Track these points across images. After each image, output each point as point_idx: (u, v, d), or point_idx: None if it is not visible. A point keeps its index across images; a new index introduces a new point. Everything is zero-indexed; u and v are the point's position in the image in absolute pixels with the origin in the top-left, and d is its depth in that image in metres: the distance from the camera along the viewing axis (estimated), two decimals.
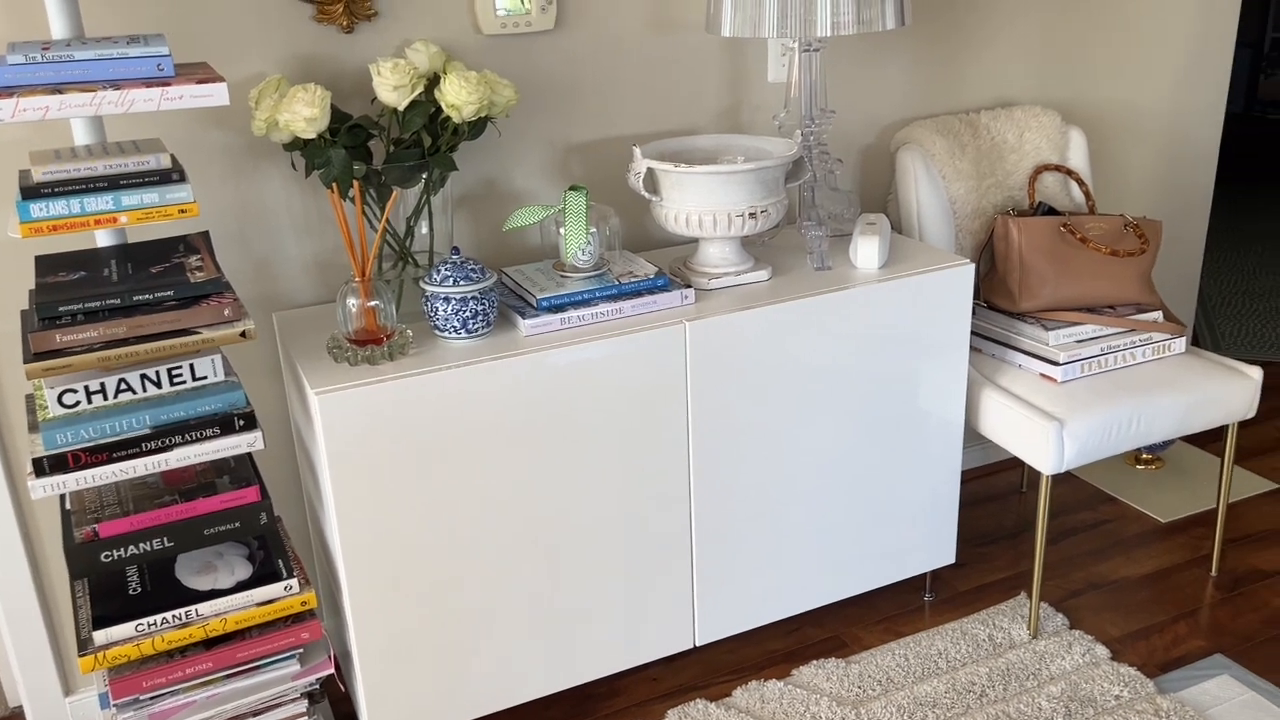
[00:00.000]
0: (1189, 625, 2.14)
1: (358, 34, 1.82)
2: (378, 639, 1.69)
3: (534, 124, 2.01)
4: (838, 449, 1.97)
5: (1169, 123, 2.69)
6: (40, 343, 1.35)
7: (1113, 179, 2.67)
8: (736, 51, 2.14)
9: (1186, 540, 2.42)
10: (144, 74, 1.38)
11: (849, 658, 2.06)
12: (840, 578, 2.07)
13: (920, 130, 2.25)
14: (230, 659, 1.53)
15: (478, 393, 1.64)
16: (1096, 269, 2.12)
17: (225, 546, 1.59)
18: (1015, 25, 2.40)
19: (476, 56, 1.91)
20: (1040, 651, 2.05)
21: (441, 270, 1.68)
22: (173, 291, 1.42)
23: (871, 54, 2.28)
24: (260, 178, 1.83)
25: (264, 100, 1.66)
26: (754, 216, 1.83)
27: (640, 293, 1.79)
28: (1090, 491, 2.64)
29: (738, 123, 2.19)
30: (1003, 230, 2.15)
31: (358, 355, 1.63)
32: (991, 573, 2.32)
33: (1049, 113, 2.36)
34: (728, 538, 1.92)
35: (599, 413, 1.74)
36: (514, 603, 1.78)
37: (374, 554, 1.65)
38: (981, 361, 2.17)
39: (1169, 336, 2.14)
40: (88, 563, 1.43)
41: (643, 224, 2.16)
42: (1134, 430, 2.01)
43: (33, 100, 1.30)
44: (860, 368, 1.93)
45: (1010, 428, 2.03)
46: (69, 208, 1.37)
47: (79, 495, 1.51)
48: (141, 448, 1.42)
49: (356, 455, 1.59)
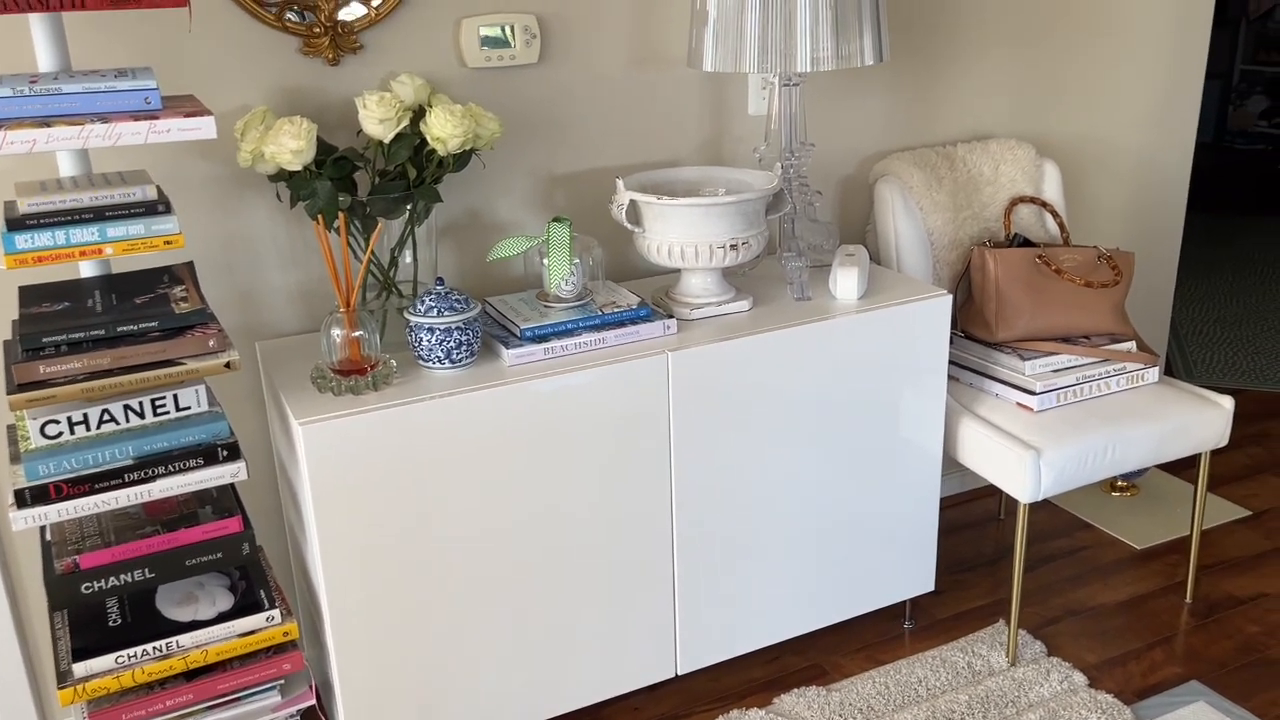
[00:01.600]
0: (1165, 652, 2.17)
1: (343, 67, 1.84)
2: (359, 669, 1.69)
3: (518, 156, 2.03)
4: (818, 477, 1.98)
5: (1141, 155, 2.75)
6: (24, 374, 1.35)
7: (1086, 211, 2.72)
8: (718, 85, 2.17)
9: (1161, 567, 2.45)
10: (131, 107, 1.39)
11: (830, 686, 2.07)
12: (820, 606, 2.09)
13: (898, 163, 2.28)
14: (211, 690, 1.52)
15: (462, 422, 1.65)
16: (1071, 300, 2.16)
17: (207, 577, 1.59)
18: (991, 60, 2.45)
19: (461, 89, 1.93)
20: (1019, 679, 2.07)
21: (426, 301, 1.69)
22: (157, 322, 1.43)
23: (850, 88, 2.32)
24: (245, 209, 1.84)
25: (250, 132, 1.67)
26: (735, 248, 1.85)
27: (623, 323, 1.81)
28: (1067, 519, 2.66)
29: (719, 155, 2.22)
30: (979, 261, 2.18)
31: (342, 385, 1.63)
32: (970, 600, 2.34)
33: (1024, 146, 2.41)
34: (709, 566, 1.93)
35: (582, 442, 1.75)
36: (496, 633, 1.78)
37: (356, 583, 1.65)
38: (959, 390, 2.20)
39: (1142, 366, 2.18)
40: (68, 594, 1.42)
41: (625, 255, 2.18)
42: (1109, 459, 2.04)
43: (20, 133, 1.31)
44: (840, 397, 1.95)
45: (988, 456, 2.05)
46: (54, 239, 1.38)
47: (59, 526, 1.51)
48: (124, 479, 1.41)
49: (340, 485, 1.59)
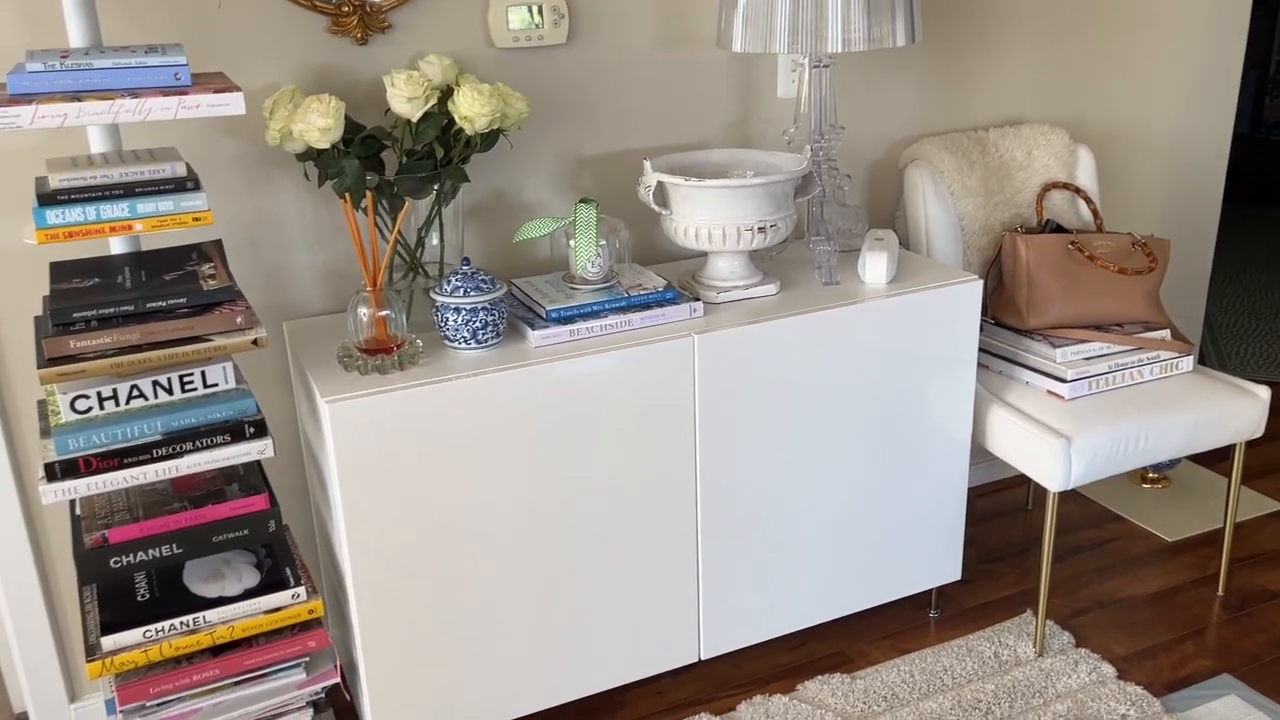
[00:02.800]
0: (1195, 645, 2.14)
1: (372, 46, 1.83)
2: (384, 649, 1.69)
3: (545, 137, 2.02)
4: (844, 463, 1.97)
5: (1177, 142, 2.70)
6: (54, 348, 1.36)
7: (1120, 198, 2.68)
8: (747, 67, 2.15)
9: (1193, 559, 2.42)
10: (161, 83, 1.39)
11: (854, 673, 2.06)
12: (846, 593, 2.07)
13: (929, 147, 2.26)
14: (237, 666, 1.53)
15: (487, 403, 1.65)
16: (1104, 287, 2.13)
17: (233, 554, 1.60)
18: (1025, 44, 2.42)
19: (489, 69, 1.93)
20: (1046, 669, 2.04)
21: (452, 281, 1.69)
22: (185, 299, 1.43)
23: (881, 71, 2.29)
24: (273, 187, 1.84)
25: (278, 110, 1.67)
26: (763, 231, 1.83)
27: (649, 305, 1.80)
28: (1097, 510, 2.63)
29: (747, 137, 2.20)
30: (1011, 247, 2.16)
31: (368, 364, 1.63)
32: (997, 590, 2.32)
33: (1057, 131, 2.37)
34: (733, 551, 1.92)
35: (607, 424, 1.74)
36: (520, 614, 1.78)
37: (381, 563, 1.65)
38: (989, 378, 2.17)
39: (1176, 355, 2.15)
40: (97, 568, 1.43)
41: (652, 237, 2.17)
42: (1141, 448, 2.01)
43: (51, 107, 1.32)
44: (867, 383, 1.93)
45: (1017, 444, 2.03)
46: (85, 215, 1.38)
47: (89, 501, 1.52)
48: (152, 454, 1.42)
49: (365, 464, 1.60)
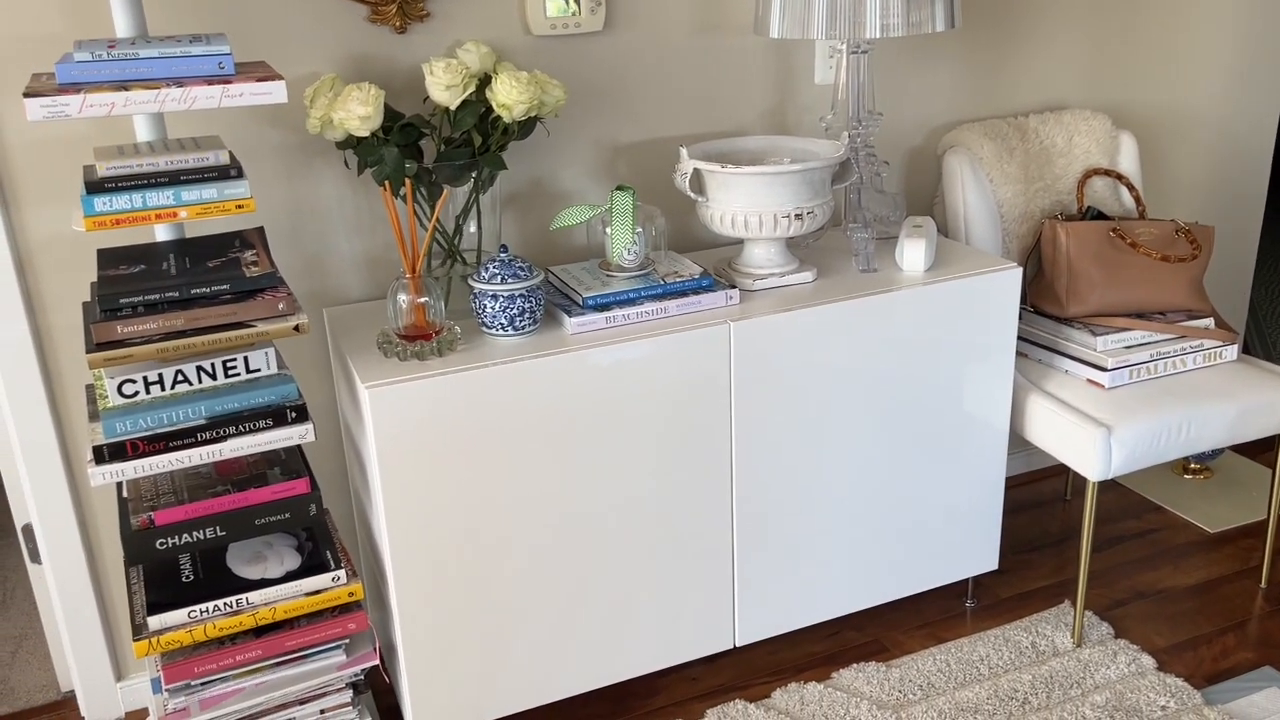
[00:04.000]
0: (1237, 637, 2.11)
1: (410, 34, 1.85)
2: (422, 632, 1.72)
3: (582, 124, 2.02)
4: (881, 452, 1.96)
5: (1222, 127, 2.66)
6: (102, 333, 1.38)
7: (1163, 183, 2.64)
8: (784, 53, 2.14)
9: (1235, 551, 2.39)
10: (206, 72, 1.41)
11: (889, 662, 2.05)
12: (881, 581, 2.07)
13: (968, 133, 2.23)
14: (279, 647, 1.56)
15: (524, 389, 1.66)
16: (1146, 274, 2.10)
17: (275, 537, 1.62)
18: (1066, 28, 2.38)
19: (526, 57, 1.93)
20: (1084, 660, 2.03)
21: (490, 268, 1.70)
22: (229, 285, 1.45)
23: (920, 56, 2.27)
24: (313, 175, 1.86)
25: (319, 99, 1.69)
26: (800, 218, 1.83)
27: (685, 293, 1.80)
28: (1136, 500, 2.60)
29: (784, 124, 2.19)
30: (1050, 234, 2.13)
31: (407, 350, 1.65)
32: (1035, 580, 2.30)
33: (1099, 116, 2.34)
34: (768, 538, 1.92)
35: (643, 411, 1.75)
36: (556, 599, 1.79)
37: (420, 547, 1.67)
38: (1028, 367, 2.15)
39: (1220, 344, 2.11)
40: (143, 549, 1.46)
41: (688, 224, 2.17)
42: (1183, 438, 1.99)
43: (99, 96, 1.34)
44: (905, 371, 1.92)
45: (1056, 434, 2.01)
46: (131, 202, 1.41)
47: (135, 484, 1.55)
48: (197, 438, 1.45)
49: (404, 449, 1.61)
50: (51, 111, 1.32)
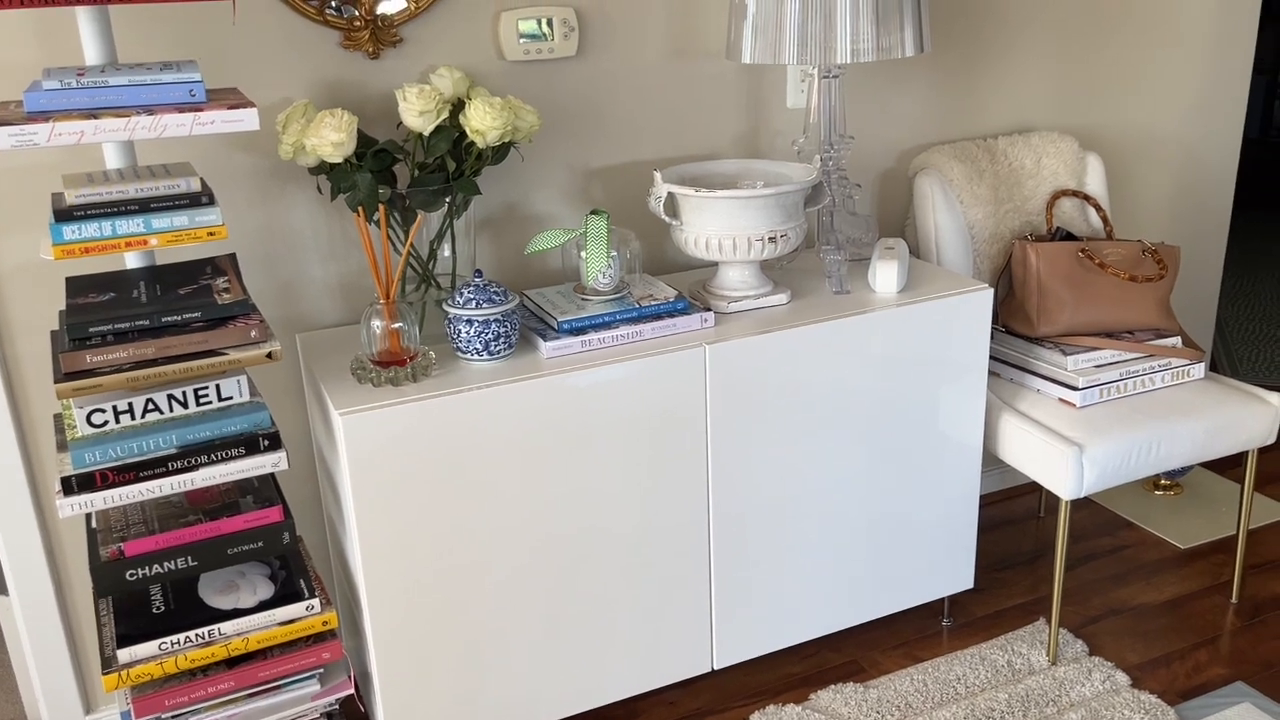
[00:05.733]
0: (1209, 652, 2.13)
1: (384, 60, 1.85)
2: (397, 659, 1.70)
3: (556, 149, 2.03)
4: (856, 472, 1.97)
5: (1186, 148, 2.70)
6: (71, 363, 1.37)
7: (1130, 204, 2.68)
8: (756, 77, 2.16)
9: (1206, 567, 2.41)
10: (176, 99, 1.41)
11: (867, 683, 2.05)
12: (858, 602, 2.07)
13: (938, 156, 2.26)
14: (252, 678, 1.54)
15: (499, 414, 1.65)
16: (1114, 294, 2.13)
17: (248, 566, 1.61)
18: (1033, 52, 2.42)
19: (500, 82, 1.94)
20: (1060, 678, 2.04)
21: (464, 293, 1.69)
22: (200, 313, 1.44)
23: (890, 80, 2.29)
24: (286, 201, 1.85)
25: (291, 125, 1.68)
26: (773, 241, 1.84)
27: (660, 315, 1.80)
28: (1109, 517, 2.62)
29: (757, 148, 2.20)
30: (1021, 255, 2.16)
31: (381, 376, 1.64)
32: (1010, 598, 2.31)
33: (1066, 139, 2.37)
34: (746, 560, 1.92)
35: (619, 434, 1.75)
36: (532, 625, 1.78)
37: (394, 574, 1.66)
38: (1000, 386, 2.17)
39: (1188, 362, 2.14)
40: (113, 581, 1.44)
41: (663, 248, 2.18)
42: (1153, 455, 2.01)
43: (68, 125, 1.33)
44: (879, 391, 1.93)
45: (1029, 452, 2.03)
46: (101, 230, 1.39)
47: (105, 514, 1.53)
48: (168, 467, 1.43)
49: (379, 475, 1.60)
50: (19, 140, 1.31)
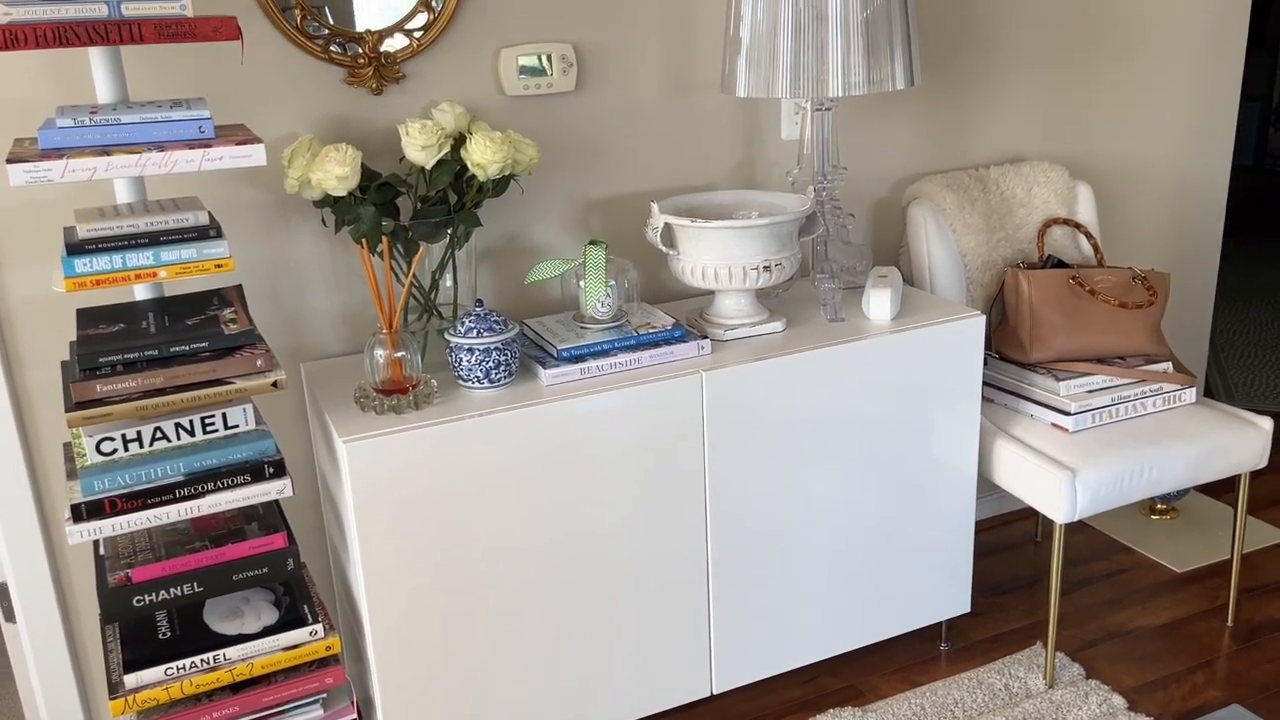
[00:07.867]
0: (1205, 675, 2.14)
1: (386, 96, 1.89)
2: (399, 684, 1.72)
3: (555, 181, 2.07)
4: (852, 498, 1.99)
5: (1176, 177, 2.74)
6: (81, 392, 1.40)
7: (1121, 232, 2.72)
8: (751, 110, 2.21)
9: (1202, 590, 2.43)
10: (186, 136, 1.45)
11: (865, 707, 2.07)
12: (856, 627, 2.09)
13: (931, 185, 2.30)
14: (256, 703, 1.56)
15: (500, 441, 1.68)
16: (1106, 320, 2.16)
17: (252, 592, 1.63)
18: (1023, 83, 2.47)
19: (500, 116, 1.98)
20: (1057, 701, 2.05)
21: (466, 322, 1.73)
22: (208, 343, 1.47)
23: (882, 111, 2.34)
24: (291, 233, 1.89)
25: (297, 159, 1.72)
26: (768, 269, 1.87)
27: (658, 343, 1.83)
28: (1105, 541, 2.64)
29: (752, 179, 2.25)
30: (1013, 282, 2.19)
31: (384, 405, 1.67)
32: (1007, 622, 2.33)
33: (1057, 168, 2.42)
34: (744, 585, 1.94)
35: (618, 460, 1.77)
36: (533, 650, 1.80)
37: (396, 599, 1.68)
38: (994, 411, 2.20)
39: (1179, 387, 2.17)
40: (121, 607, 1.47)
41: (660, 277, 2.21)
42: (1146, 479, 2.03)
43: (81, 161, 1.37)
44: (874, 418, 1.96)
45: (1023, 477, 2.05)
46: (111, 263, 1.43)
47: (112, 541, 1.55)
48: (175, 494, 1.46)
49: (382, 502, 1.63)
50: (34, 177, 1.35)
